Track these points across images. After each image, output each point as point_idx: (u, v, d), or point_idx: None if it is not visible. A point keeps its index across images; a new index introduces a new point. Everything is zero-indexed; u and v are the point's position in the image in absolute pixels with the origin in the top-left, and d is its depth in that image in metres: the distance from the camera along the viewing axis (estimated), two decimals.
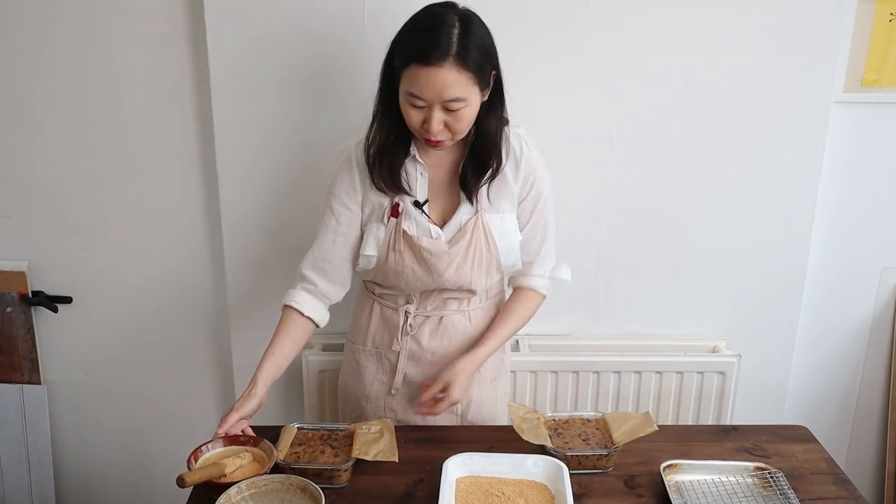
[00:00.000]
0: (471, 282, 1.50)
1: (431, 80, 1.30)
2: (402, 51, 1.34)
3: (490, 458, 1.33)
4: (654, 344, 1.99)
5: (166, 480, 1.48)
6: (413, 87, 1.32)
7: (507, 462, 1.33)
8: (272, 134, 1.83)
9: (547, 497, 1.26)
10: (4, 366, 2.05)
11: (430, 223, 1.48)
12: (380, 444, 1.36)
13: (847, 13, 1.82)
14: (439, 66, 1.29)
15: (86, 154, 1.90)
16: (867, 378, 2.14)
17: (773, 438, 1.49)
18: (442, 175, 1.49)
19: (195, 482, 1.23)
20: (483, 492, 1.27)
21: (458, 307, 1.56)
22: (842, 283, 2.05)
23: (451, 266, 1.47)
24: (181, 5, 1.79)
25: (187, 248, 1.97)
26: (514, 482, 1.29)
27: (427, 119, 1.34)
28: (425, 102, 1.32)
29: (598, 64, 1.80)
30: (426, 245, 1.46)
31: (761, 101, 1.83)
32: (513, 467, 1.32)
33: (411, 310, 1.55)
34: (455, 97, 1.31)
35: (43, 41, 1.82)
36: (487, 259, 1.49)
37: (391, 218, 1.47)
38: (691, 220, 1.92)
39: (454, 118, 1.34)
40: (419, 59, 1.30)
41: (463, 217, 1.48)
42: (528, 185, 1.50)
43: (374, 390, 1.61)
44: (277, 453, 1.32)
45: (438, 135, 1.36)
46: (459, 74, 1.31)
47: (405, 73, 1.33)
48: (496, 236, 1.48)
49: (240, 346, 1.99)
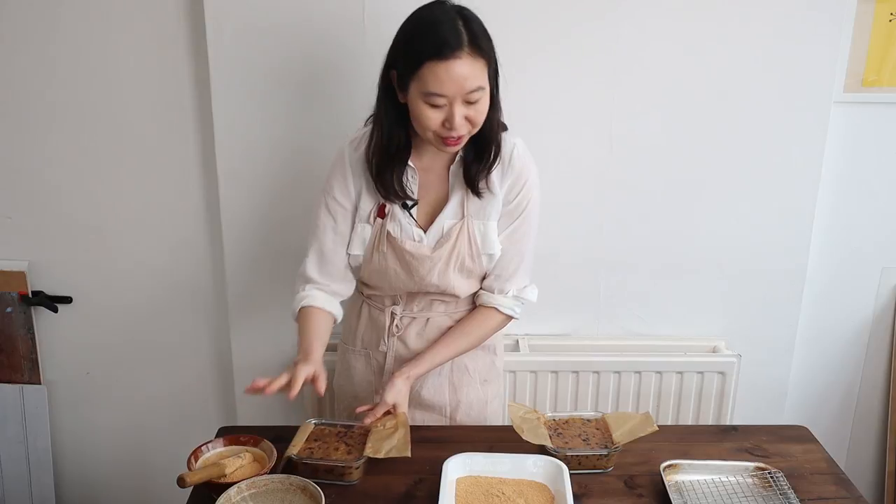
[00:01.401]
0: (453, 287, 1.49)
1: (451, 74, 1.27)
2: (412, 53, 1.30)
3: (490, 458, 1.33)
4: (654, 344, 1.99)
5: (166, 480, 1.48)
6: (432, 85, 1.28)
7: (508, 462, 1.33)
8: (272, 134, 1.83)
9: (547, 497, 1.26)
10: (4, 366, 2.05)
11: (416, 227, 1.47)
12: (393, 439, 1.35)
13: (847, 13, 1.82)
14: (456, 57, 1.27)
15: (86, 154, 1.90)
16: (867, 378, 2.14)
17: (773, 438, 1.49)
18: (432, 177, 1.48)
19: (195, 482, 1.23)
20: (483, 492, 1.27)
21: (445, 309, 1.56)
22: (842, 283, 2.05)
23: (433, 270, 1.46)
24: (181, 5, 1.79)
25: (187, 248, 1.97)
26: (515, 482, 1.29)
27: (449, 117, 1.31)
28: (446, 100, 1.29)
29: (598, 63, 1.80)
30: (409, 248, 1.45)
31: (761, 100, 1.83)
32: (513, 467, 1.32)
33: (398, 311, 1.55)
34: (476, 87, 1.29)
35: (43, 41, 1.82)
36: (471, 267, 1.48)
37: (377, 218, 1.47)
38: (691, 220, 1.92)
39: (474, 110, 1.32)
40: (435, 56, 1.26)
41: (447, 222, 1.47)
42: (514, 191, 1.47)
43: (362, 390, 1.61)
44: (291, 448, 1.33)
45: (461, 129, 1.33)
46: (475, 62, 1.29)
47: (419, 74, 1.29)
48: (479, 243, 1.47)
49: (240, 346, 1.99)
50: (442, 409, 1.59)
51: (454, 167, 1.46)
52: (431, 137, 1.36)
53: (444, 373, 1.58)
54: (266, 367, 2.01)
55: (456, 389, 1.59)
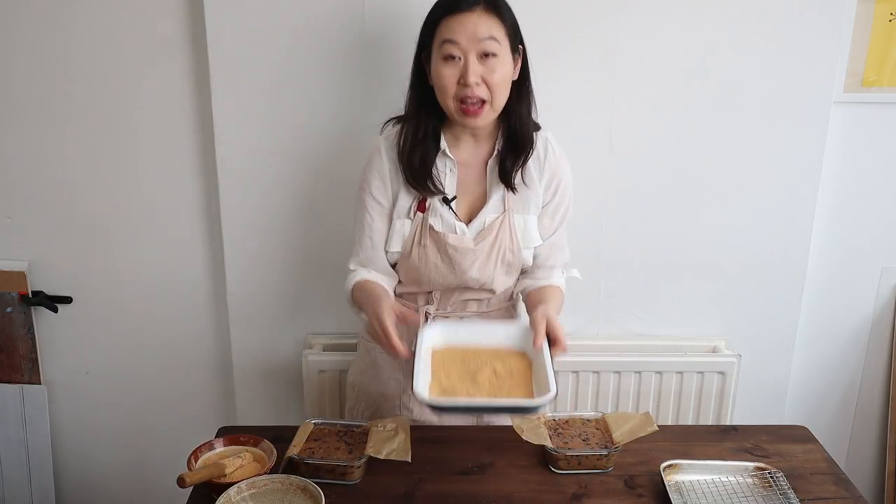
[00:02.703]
0: (493, 281, 1.50)
1: (464, 23, 1.35)
2: (432, 16, 1.40)
3: (465, 325, 1.39)
4: (654, 344, 1.98)
5: (166, 480, 1.48)
6: (446, 33, 1.36)
7: (483, 330, 1.38)
8: (272, 134, 1.83)
9: (525, 363, 1.29)
10: (4, 366, 2.05)
11: (457, 220, 1.48)
12: (393, 442, 1.36)
13: (847, 13, 1.82)
14: (470, 10, 1.35)
15: (86, 154, 1.90)
16: (867, 378, 2.14)
17: (773, 438, 1.49)
18: (471, 172, 1.50)
19: (195, 482, 1.23)
20: (460, 359, 1.29)
21: (477, 308, 1.56)
22: (842, 282, 2.05)
23: (475, 264, 1.47)
24: (181, 5, 1.79)
25: (187, 248, 1.97)
26: (492, 350, 1.32)
27: (464, 73, 1.36)
28: (459, 49, 1.35)
29: (598, 63, 1.80)
30: (452, 241, 1.46)
31: (761, 100, 1.83)
32: (488, 335, 1.36)
33: (431, 310, 1.54)
34: (489, 35, 1.35)
35: (43, 42, 1.82)
36: (510, 260, 1.50)
37: (417, 213, 1.48)
38: (691, 220, 1.92)
39: (490, 69, 1.37)
40: (449, 11, 1.36)
41: (489, 216, 1.49)
42: (552, 187, 1.52)
43: (389, 389, 1.60)
44: (291, 448, 1.33)
45: (476, 89, 1.36)
46: (490, 19, 1.36)
47: (437, 30, 1.38)
48: (520, 237, 1.49)
49: (240, 346, 1.99)
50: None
51: (491, 162, 1.49)
52: (452, 106, 1.40)
53: None
54: (266, 367, 2.01)
55: None
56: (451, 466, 1.38)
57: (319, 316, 1.97)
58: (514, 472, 1.37)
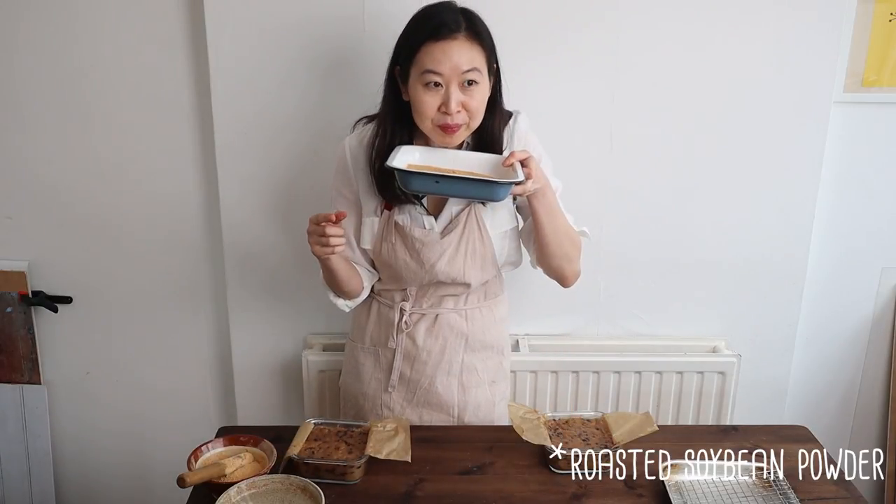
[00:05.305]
0: (464, 274, 1.50)
1: (447, 52, 1.34)
2: (412, 39, 1.38)
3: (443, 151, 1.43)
4: (654, 344, 1.99)
5: (166, 480, 1.48)
6: (428, 63, 1.35)
7: (460, 156, 1.43)
8: (272, 134, 1.83)
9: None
10: (4, 366, 2.05)
11: (426, 215, 1.49)
12: (393, 442, 1.36)
13: (847, 13, 1.82)
14: (453, 38, 1.34)
15: (86, 154, 1.90)
16: (867, 378, 2.14)
17: (773, 438, 1.49)
18: None
19: (195, 482, 1.23)
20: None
21: (455, 305, 1.56)
22: (842, 283, 2.05)
23: (442, 257, 1.48)
24: (181, 5, 1.79)
25: (187, 247, 1.97)
26: (466, 173, 1.36)
27: (445, 100, 1.36)
28: (442, 79, 1.35)
29: (598, 63, 1.80)
30: (417, 235, 1.47)
31: (761, 100, 1.83)
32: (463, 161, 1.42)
33: (407, 307, 1.55)
34: (472, 67, 1.35)
35: (43, 41, 1.82)
36: (481, 252, 1.50)
37: (384, 210, 1.49)
38: (691, 220, 1.92)
39: (470, 96, 1.37)
40: (432, 37, 1.34)
41: (455, 208, 1.49)
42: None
43: (371, 388, 1.61)
44: (291, 448, 1.33)
45: (457, 117, 1.37)
46: (472, 47, 1.36)
47: (418, 57, 1.36)
48: (488, 226, 1.49)
49: (240, 346, 1.99)
50: (450, 409, 1.59)
51: None
52: (430, 128, 1.40)
53: (454, 372, 1.58)
54: (266, 367, 2.01)
55: (465, 390, 1.59)
56: (451, 466, 1.38)
57: (319, 316, 1.97)
58: (514, 472, 1.37)
